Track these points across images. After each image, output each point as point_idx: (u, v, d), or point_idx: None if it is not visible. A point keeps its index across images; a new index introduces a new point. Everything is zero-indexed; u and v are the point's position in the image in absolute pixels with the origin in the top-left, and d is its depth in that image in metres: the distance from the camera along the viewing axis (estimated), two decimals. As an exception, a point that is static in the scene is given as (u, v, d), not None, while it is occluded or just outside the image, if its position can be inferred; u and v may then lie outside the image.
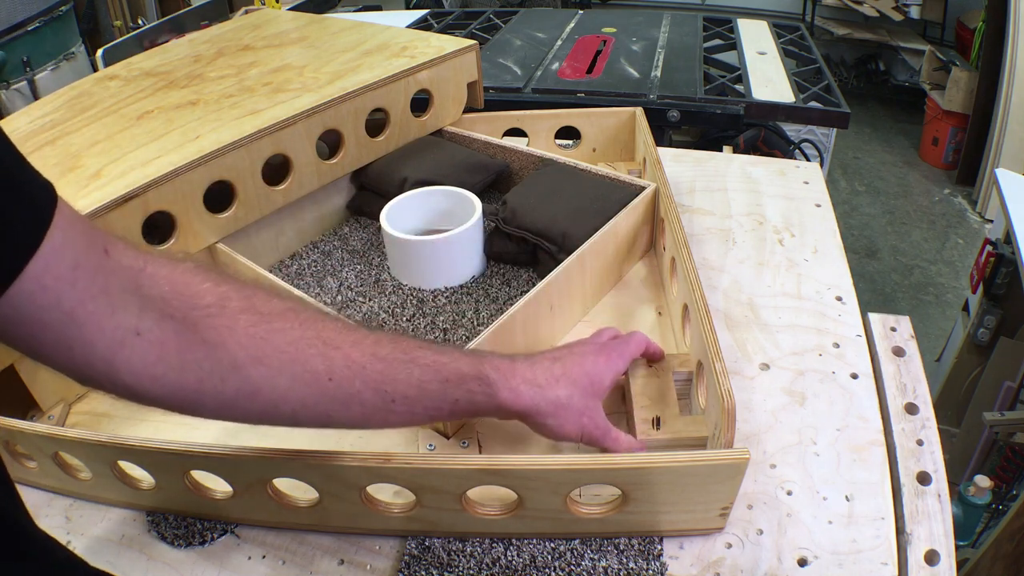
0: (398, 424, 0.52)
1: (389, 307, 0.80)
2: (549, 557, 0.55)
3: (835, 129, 1.56)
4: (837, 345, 0.73)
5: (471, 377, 0.51)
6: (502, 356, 0.55)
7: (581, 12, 2.07)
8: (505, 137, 1.05)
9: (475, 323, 0.77)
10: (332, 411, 0.47)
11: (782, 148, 1.54)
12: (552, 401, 0.55)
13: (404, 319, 0.78)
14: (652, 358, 0.66)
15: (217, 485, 0.58)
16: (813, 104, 1.43)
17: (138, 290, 0.40)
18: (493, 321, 0.67)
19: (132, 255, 0.41)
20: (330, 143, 0.92)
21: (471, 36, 1.83)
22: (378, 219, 0.83)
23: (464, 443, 0.65)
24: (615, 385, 0.61)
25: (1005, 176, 1.50)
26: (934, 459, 0.60)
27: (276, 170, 0.85)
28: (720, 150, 1.27)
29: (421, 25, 1.95)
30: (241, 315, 0.43)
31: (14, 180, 0.34)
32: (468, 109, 1.05)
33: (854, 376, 0.69)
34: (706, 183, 1.02)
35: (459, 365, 0.51)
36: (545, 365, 0.56)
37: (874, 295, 2.60)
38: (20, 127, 0.84)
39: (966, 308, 1.83)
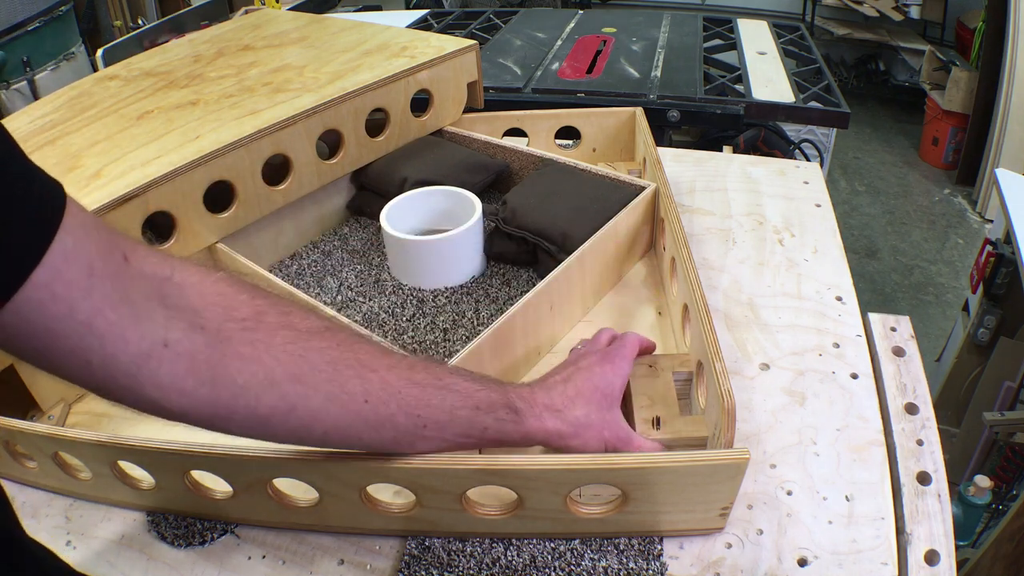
0: (425, 450, 0.51)
1: (389, 307, 0.80)
2: (549, 557, 0.55)
3: (835, 129, 1.56)
4: (837, 345, 0.73)
5: (500, 405, 0.51)
6: (520, 385, 0.55)
7: (581, 12, 2.07)
8: (505, 137, 1.05)
9: (475, 323, 0.77)
10: (364, 434, 0.47)
11: (782, 148, 1.54)
12: (572, 423, 0.55)
13: (404, 319, 0.78)
14: (646, 351, 0.67)
15: (217, 485, 0.58)
16: (813, 104, 1.43)
17: (164, 299, 0.38)
18: (493, 321, 0.67)
19: (156, 262, 0.39)
20: (330, 143, 0.92)
21: (471, 36, 1.83)
22: (378, 219, 0.83)
23: (464, 443, 0.65)
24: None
25: (1005, 176, 1.50)
26: (934, 459, 0.60)
27: (276, 170, 0.85)
28: (720, 150, 1.28)
29: (421, 25, 1.95)
30: (279, 331, 0.42)
31: (16, 181, 0.32)
32: (468, 109, 1.05)
33: (854, 376, 0.69)
34: (706, 183, 1.02)
35: (489, 393, 0.51)
36: (559, 389, 0.56)
37: (874, 295, 2.60)
38: (20, 127, 0.84)
39: (966, 308, 1.83)
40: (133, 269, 0.37)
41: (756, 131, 1.54)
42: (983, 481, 1.41)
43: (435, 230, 0.85)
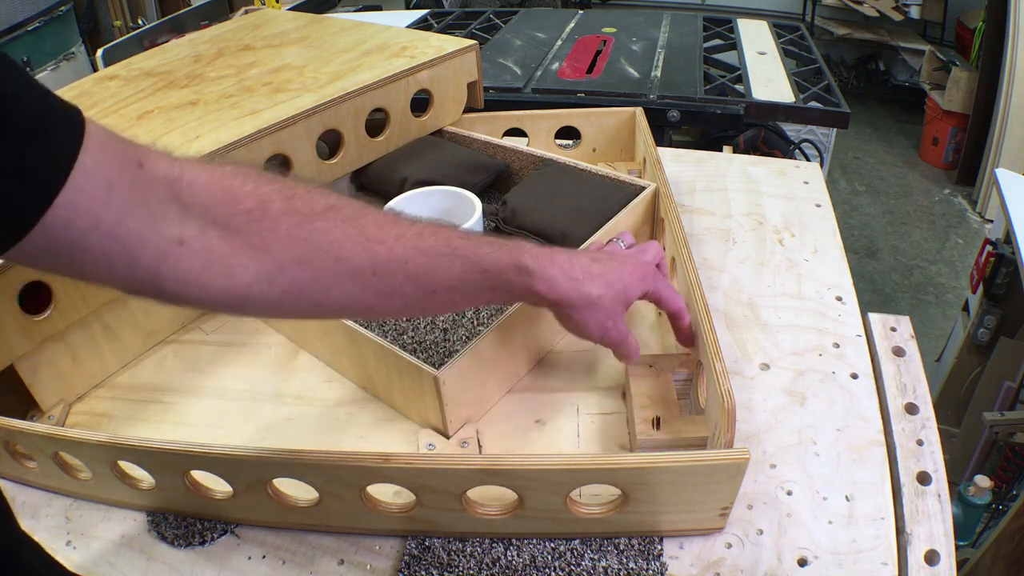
0: (437, 311, 0.55)
1: (389, 307, 0.80)
2: (549, 557, 0.55)
3: (835, 129, 1.56)
4: (837, 345, 0.73)
5: (510, 267, 0.52)
6: (541, 247, 0.56)
7: (581, 12, 2.07)
8: (505, 137, 1.05)
9: (475, 323, 0.77)
10: (376, 303, 0.49)
11: (782, 148, 1.54)
12: (584, 296, 0.56)
13: (404, 319, 0.78)
14: (674, 308, 0.64)
15: (217, 485, 0.58)
16: (813, 104, 1.43)
17: (178, 199, 0.40)
18: (493, 321, 0.67)
19: (167, 164, 0.41)
20: (330, 143, 0.92)
21: (471, 36, 1.83)
22: (378, 219, 0.83)
23: (464, 443, 0.65)
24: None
25: (1005, 176, 1.50)
26: (934, 459, 0.60)
27: (276, 170, 0.84)
28: (720, 150, 1.28)
29: (421, 25, 1.95)
30: (284, 217, 0.44)
31: (38, 112, 0.34)
32: (468, 109, 1.05)
33: (854, 376, 0.69)
34: (706, 183, 1.02)
35: (499, 255, 0.52)
36: (584, 262, 0.57)
37: (874, 295, 2.60)
38: (20, 127, 0.84)
39: (966, 308, 1.83)
40: (147, 174, 0.39)
41: (756, 131, 1.54)
42: (983, 481, 1.41)
43: (435, 230, 0.85)
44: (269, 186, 0.44)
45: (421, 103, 0.99)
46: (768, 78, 1.53)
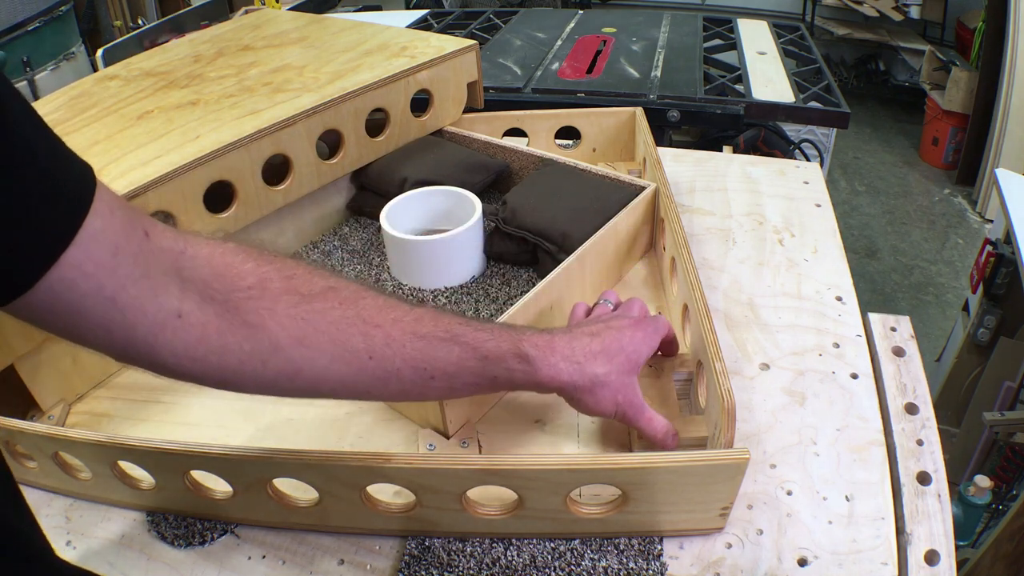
0: (438, 398, 0.53)
1: (389, 307, 0.80)
2: (549, 557, 0.55)
3: (835, 129, 1.56)
4: (837, 345, 0.73)
5: (510, 355, 0.51)
6: (540, 331, 0.55)
7: (581, 12, 2.07)
8: (505, 137, 1.05)
9: (475, 323, 0.77)
10: (371, 388, 0.48)
11: (782, 148, 1.54)
12: (590, 378, 0.55)
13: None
14: (671, 344, 0.66)
15: (217, 485, 0.58)
16: (813, 104, 1.43)
17: (179, 272, 0.40)
18: (493, 321, 0.67)
19: (172, 237, 0.41)
20: (330, 143, 0.92)
21: (471, 36, 1.83)
22: (378, 219, 0.83)
23: (464, 443, 0.65)
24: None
25: (1005, 176, 1.50)
26: (934, 459, 0.60)
27: (276, 170, 0.85)
28: (720, 150, 1.27)
29: (421, 25, 1.95)
30: (282, 296, 0.44)
31: (51, 166, 0.34)
32: (468, 109, 1.05)
33: (854, 376, 0.69)
34: (706, 183, 1.02)
35: (499, 343, 0.51)
36: (584, 341, 0.56)
37: (874, 295, 2.60)
38: (20, 127, 0.84)
39: (966, 308, 1.83)
40: (152, 245, 0.39)
41: (756, 131, 1.54)
42: (983, 481, 1.41)
43: (435, 230, 0.85)
44: (269, 265, 0.44)
45: (421, 103, 0.99)
46: (768, 78, 1.53)
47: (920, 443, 0.61)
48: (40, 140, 0.34)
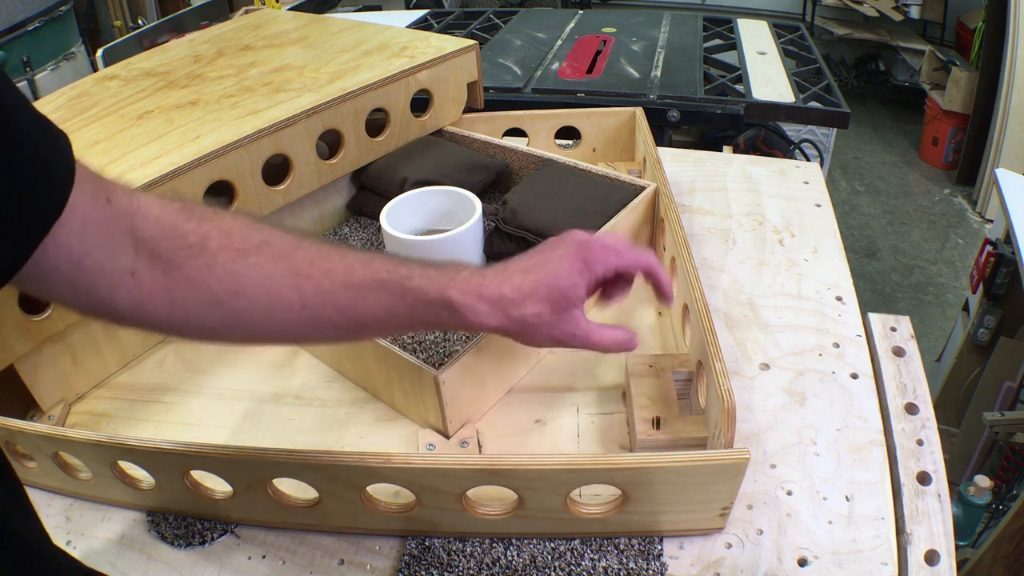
0: (373, 338, 0.58)
1: (389, 307, 0.80)
2: (549, 557, 0.55)
3: (835, 129, 1.56)
4: (837, 345, 0.73)
5: (437, 304, 0.51)
6: (472, 272, 0.53)
7: (581, 12, 2.07)
8: (505, 137, 1.05)
9: (475, 323, 0.77)
10: (307, 335, 0.53)
11: (782, 148, 1.54)
12: (518, 320, 0.52)
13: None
14: (656, 283, 0.60)
15: (217, 485, 0.58)
16: (813, 104, 1.43)
17: (133, 232, 0.44)
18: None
19: (127, 198, 0.44)
20: (330, 143, 0.92)
21: (471, 36, 1.83)
22: (378, 219, 0.83)
23: (464, 443, 0.65)
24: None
25: (1005, 176, 1.50)
26: (934, 459, 0.60)
27: (276, 170, 0.85)
28: (720, 150, 1.27)
29: (421, 25, 1.95)
30: (220, 253, 0.46)
31: (41, 144, 0.37)
32: (468, 109, 1.05)
33: (854, 376, 0.69)
34: (706, 183, 1.02)
35: (426, 290, 0.51)
36: (515, 280, 0.53)
37: (874, 295, 2.60)
38: (20, 127, 0.84)
39: (966, 308, 1.83)
40: (113, 209, 0.43)
41: (756, 131, 1.54)
42: (983, 481, 1.41)
43: (435, 230, 0.85)
44: (209, 223, 0.47)
45: (421, 103, 0.99)
46: (768, 78, 1.53)
47: (920, 443, 0.61)
48: (30, 122, 0.37)
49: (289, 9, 1.47)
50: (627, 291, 0.60)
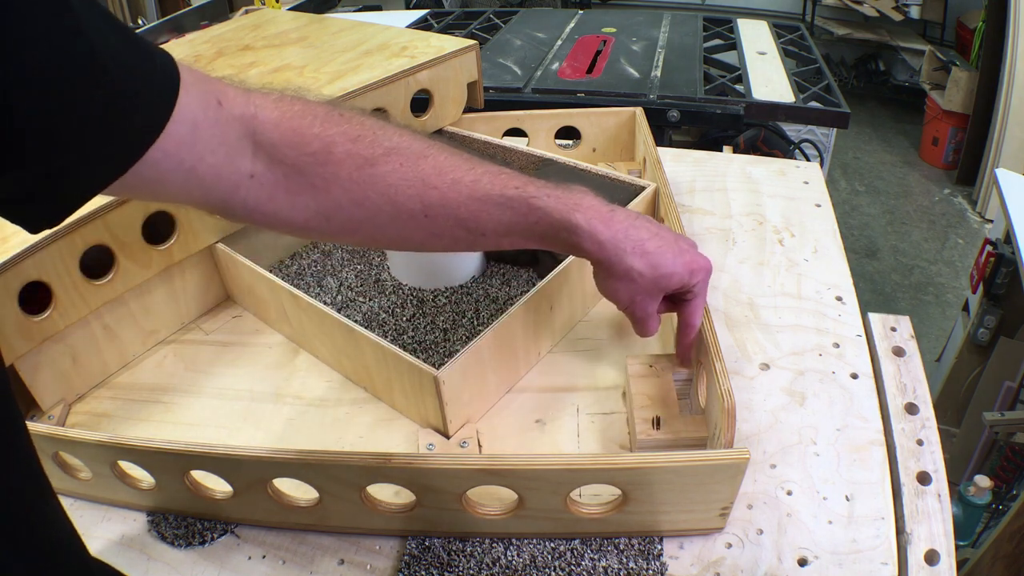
0: (489, 249, 0.60)
1: (389, 307, 0.80)
2: (549, 557, 0.56)
3: (835, 129, 1.56)
4: (837, 345, 0.73)
5: (559, 223, 0.53)
6: (600, 200, 0.56)
7: (581, 12, 2.07)
8: (505, 137, 1.05)
9: (475, 323, 0.77)
10: (425, 241, 0.52)
11: (782, 148, 1.54)
12: (625, 269, 0.56)
13: (404, 319, 0.78)
14: (681, 343, 0.65)
15: (217, 485, 0.58)
16: (813, 104, 1.43)
17: (251, 136, 0.43)
18: (493, 321, 0.67)
19: (243, 102, 0.44)
20: (330, 143, 0.91)
21: (471, 36, 1.83)
22: (378, 219, 0.83)
23: (464, 443, 0.65)
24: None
25: (1005, 176, 1.50)
26: (934, 459, 0.60)
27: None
28: (720, 150, 1.27)
29: (421, 25, 1.95)
30: (346, 160, 0.46)
31: (143, 58, 0.37)
32: (468, 109, 1.05)
33: (854, 376, 0.69)
34: (706, 183, 1.02)
35: (552, 208, 0.53)
36: (642, 236, 0.56)
37: (874, 295, 2.60)
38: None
39: (966, 308, 1.83)
40: (225, 113, 0.42)
41: (756, 131, 1.54)
42: (983, 481, 1.41)
43: (435, 230, 0.85)
44: (335, 128, 0.47)
45: (421, 103, 0.99)
46: (768, 78, 1.53)
47: (920, 443, 0.61)
48: (132, 37, 0.36)
49: (289, 9, 1.47)
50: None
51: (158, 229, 0.76)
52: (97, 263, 0.70)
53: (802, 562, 0.54)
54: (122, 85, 0.35)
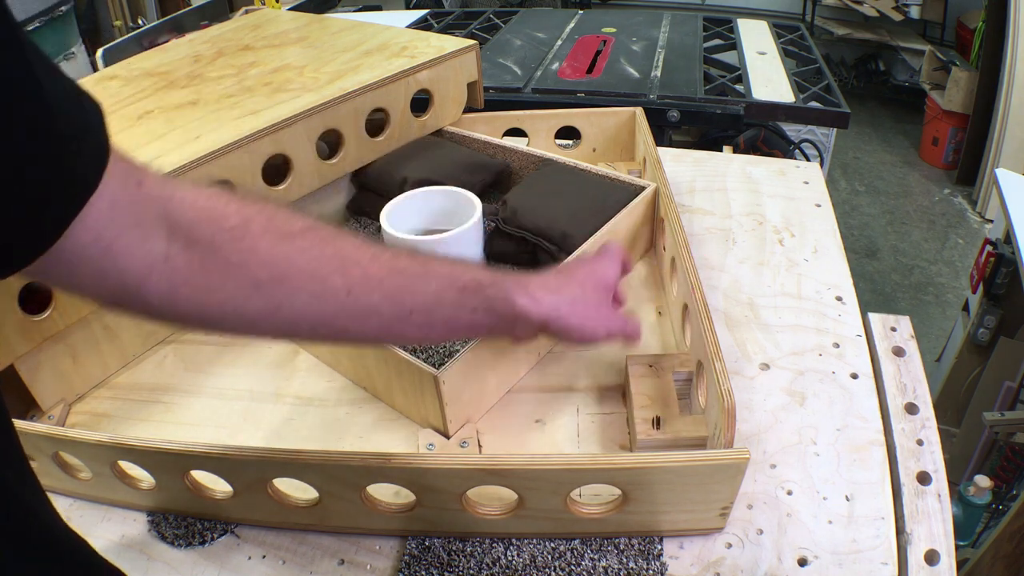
0: (415, 339, 0.54)
1: (389, 307, 0.80)
2: (549, 557, 0.55)
3: (835, 129, 1.56)
4: (837, 345, 0.73)
5: (488, 284, 0.52)
6: (510, 274, 0.56)
7: (581, 12, 2.07)
8: (505, 137, 1.05)
9: (475, 323, 0.77)
10: (350, 325, 0.49)
11: (782, 148, 1.54)
12: (570, 300, 0.55)
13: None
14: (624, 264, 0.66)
15: (217, 485, 0.58)
16: (813, 104, 1.43)
17: (167, 217, 0.41)
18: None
19: (161, 184, 0.42)
20: (330, 143, 0.92)
21: (471, 36, 1.83)
22: (378, 219, 0.83)
23: (464, 443, 0.65)
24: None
25: (1005, 176, 1.50)
26: (934, 459, 0.60)
27: (276, 170, 0.85)
28: (720, 150, 1.27)
29: (421, 25, 1.95)
30: (263, 236, 0.45)
31: (76, 119, 0.35)
32: (468, 109, 1.05)
33: (854, 376, 0.69)
34: (706, 183, 1.02)
35: (476, 275, 0.52)
36: (551, 276, 0.57)
37: (874, 295, 2.60)
38: (20, 127, 0.84)
39: (966, 308, 1.83)
40: (144, 193, 0.40)
41: (756, 131, 1.54)
42: (983, 481, 1.41)
43: (435, 230, 0.85)
44: (252, 207, 0.45)
45: (421, 103, 0.99)
46: (768, 78, 1.53)
47: (920, 443, 0.61)
48: (60, 89, 0.34)
49: (289, 9, 1.47)
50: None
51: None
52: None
53: (802, 562, 0.54)
54: (60, 145, 0.34)
